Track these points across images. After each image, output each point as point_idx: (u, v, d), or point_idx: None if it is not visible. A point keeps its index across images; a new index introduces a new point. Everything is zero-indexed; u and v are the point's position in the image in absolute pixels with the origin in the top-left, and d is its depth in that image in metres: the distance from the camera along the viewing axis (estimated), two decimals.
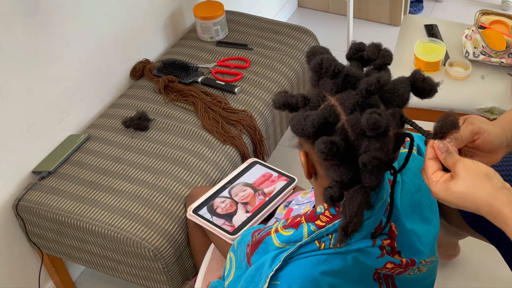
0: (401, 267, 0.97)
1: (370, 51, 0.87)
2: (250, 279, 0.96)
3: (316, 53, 0.87)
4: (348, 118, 0.81)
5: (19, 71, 1.61)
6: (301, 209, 1.21)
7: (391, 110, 0.83)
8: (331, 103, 0.83)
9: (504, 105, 1.80)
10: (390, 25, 3.04)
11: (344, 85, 0.83)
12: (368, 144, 0.79)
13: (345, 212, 0.82)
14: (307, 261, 0.92)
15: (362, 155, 0.79)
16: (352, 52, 0.89)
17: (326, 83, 0.85)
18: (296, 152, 0.95)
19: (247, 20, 2.25)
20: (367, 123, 0.77)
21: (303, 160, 0.89)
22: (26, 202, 1.64)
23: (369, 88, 0.80)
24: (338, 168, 0.83)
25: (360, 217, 0.82)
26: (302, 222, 0.95)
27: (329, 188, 0.84)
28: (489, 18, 1.96)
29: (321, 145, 0.78)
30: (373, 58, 0.87)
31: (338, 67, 0.83)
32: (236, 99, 1.88)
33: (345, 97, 0.82)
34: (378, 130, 0.78)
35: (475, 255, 1.89)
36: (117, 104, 1.94)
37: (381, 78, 0.80)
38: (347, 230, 0.82)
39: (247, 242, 1.06)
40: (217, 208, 1.46)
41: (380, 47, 0.88)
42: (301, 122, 0.81)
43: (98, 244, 1.58)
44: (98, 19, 1.85)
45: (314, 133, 0.80)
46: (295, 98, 0.86)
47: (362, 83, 0.81)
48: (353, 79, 0.83)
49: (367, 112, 0.78)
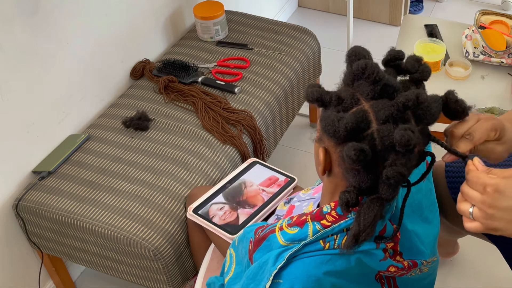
0: (404, 270, 0.97)
1: (410, 64, 0.87)
2: (253, 277, 0.96)
3: (358, 54, 0.87)
4: (379, 128, 0.81)
5: (19, 71, 1.61)
6: (303, 205, 1.21)
7: (420, 127, 0.83)
8: (364, 108, 0.83)
9: (504, 105, 1.80)
10: (390, 25, 3.04)
11: (381, 93, 0.83)
12: (395, 158, 0.80)
13: (360, 220, 0.83)
14: (311, 261, 0.92)
15: (388, 168, 0.79)
16: (389, 59, 0.89)
17: (362, 86, 0.84)
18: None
19: (247, 20, 2.25)
20: (401, 139, 0.77)
21: (322, 156, 0.89)
22: (26, 202, 1.64)
23: (407, 103, 0.80)
24: (358, 173, 0.83)
25: (374, 227, 0.83)
26: (307, 220, 0.95)
27: (346, 192, 0.84)
28: (489, 18, 1.96)
29: (351, 151, 0.79)
30: (412, 71, 0.88)
31: (379, 75, 0.83)
32: (236, 99, 1.89)
33: (380, 105, 0.82)
34: (409, 147, 0.78)
35: (474, 254, 1.89)
36: (117, 104, 1.94)
37: (420, 95, 0.80)
38: (358, 238, 0.83)
39: (249, 238, 1.05)
40: (213, 217, 1.45)
41: (421, 62, 0.88)
42: (334, 123, 0.81)
43: (98, 244, 1.58)
44: (98, 19, 1.85)
45: (345, 136, 0.81)
46: (330, 96, 0.86)
47: (400, 96, 0.81)
48: (391, 89, 0.84)
49: (401, 127, 0.78)
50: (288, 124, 2.09)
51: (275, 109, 1.93)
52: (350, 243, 0.84)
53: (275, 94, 1.93)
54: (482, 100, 1.83)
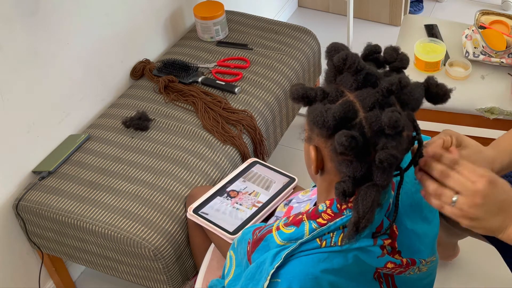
0: (402, 267, 0.97)
1: (388, 54, 0.89)
2: (251, 277, 0.96)
3: (337, 49, 0.89)
4: (367, 115, 0.82)
5: (19, 71, 1.61)
6: (301, 207, 1.21)
7: (406, 112, 0.85)
8: (349, 99, 0.84)
9: (504, 105, 1.81)
10: (390, 25, 3.04)
11: (364, 82, 0.85)
12: (386, 141, 0.81)
13: (358, 207, 0.84)
14: (308, 259, 0.92)
15: (380, 151, 0.81)
16: (367, 53, 0.90)
17: (345, 79, 0.86)
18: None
19: (247, 20, 2.25)
20: (389, 121, 0.79)
21: (313, 154, 0.90)
22: (26, 202, 1.64)
23: (390, 88, 0.82)
24: (351, 163, 0.84)
25: (373, 213, 0.84)
26: (303, 219, 0.95)
27: (342, 182, 0.85)
28: (489, 18, 1.96)
29: (342, 138, 0.80)
30: (391, 61, 0.89)
31: (361, 65, 0.84)
32: (236, 99, 1.89)
33: (364, 94, 0.84)
34: (397, 128, 0.80)
35: (474, 256, 1.89)
36: (117, 104, 1.94)
37: (402, 79, 0.82)
38: (358, 226, 0.84)
39: (247, 240, 1.06)
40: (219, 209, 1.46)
41: (398, 50, 0.90)
42: (322, 113, 0.82)
43: (98, 244, 1.58)
44: (98, 19, 1.85)
45: (335, 126, 0.82)
46: (314, 91, 0.88)
47: (383, 82, 0.83)
48: (373, 77, 0.85)
49: (388, 110, 0.80)
50: (288, 124, 2.09)
51: (275, 109, 1.93)
52: (351, 232, 0.85)
53: (275, 94, 1.93)
54: (482, 100, 1.83)
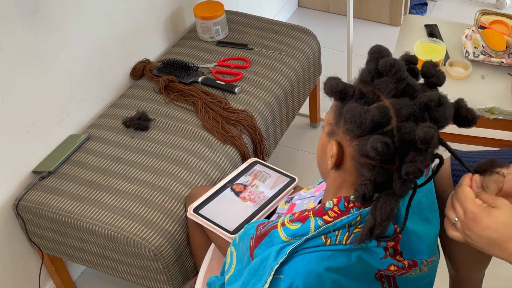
0: (404, 269, 0.97)
1: (427, 68, 0.90)
2: (254, 272, 0.96)
3: (382, 52, 0.89)
4: (401, 125, 0.83)
5: (19, 71, 1.61)
6: (304, 204, 1.21)
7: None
8: (385, 105, 0.85)
9: (504, 105, 1.81)
10: (390, 25, 3.04)
11: (403, 92, 0.85)
12: (415, 155, 0.82)
13: (376, 214, 0.85)
14: (312, 256, 0.92)
15: (408, 164, 0.82)
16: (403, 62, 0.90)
17: (383, 84, 0.86)
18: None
19: (247, 20, 2.25)
20: (425, 136, 0.80)
21: (335, 149, 0.90)
22: (26, 202, 1.64)
23: (429, 104, 0.83)
24: (373, 168, 0.85)
25: (389, 221, 0.86)
26: (309, 216, 0.95)
27: (363, 185, 0.86)
28: (489, 18, 1.96)
29: (378, 143, 0.80)
30: (428, 76, 0.90)
31: (404, 74, 0.85)
32: (236, 99, 1.89)
33: (401, 103, 0.84)
34: (430, 145, 0.81)
35: None
36: (117, 104, 1.94)
37: (442, 98, 0.84)
38: (373, 231, 0.85)
39: (250, 235, 1.06)
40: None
41: (436, 67, 0.91)
42: (361, 114, 0.82)
43: (98, 244, 1.58)
44: (98, 19, 1.85)
45: (370, 129, 0.82)
46: (353, 89, 0.87)
47: (422, 96, 0.84)
48: (413, 89, 0.86)
49: (425, 125, 0.81)
50: (288, 124, 2.09)
51: (275, 109, 1.93)
52: (364, 236, 0.86)
53: (275, 94, 1.93)
54: (482, 100, 1.83)
